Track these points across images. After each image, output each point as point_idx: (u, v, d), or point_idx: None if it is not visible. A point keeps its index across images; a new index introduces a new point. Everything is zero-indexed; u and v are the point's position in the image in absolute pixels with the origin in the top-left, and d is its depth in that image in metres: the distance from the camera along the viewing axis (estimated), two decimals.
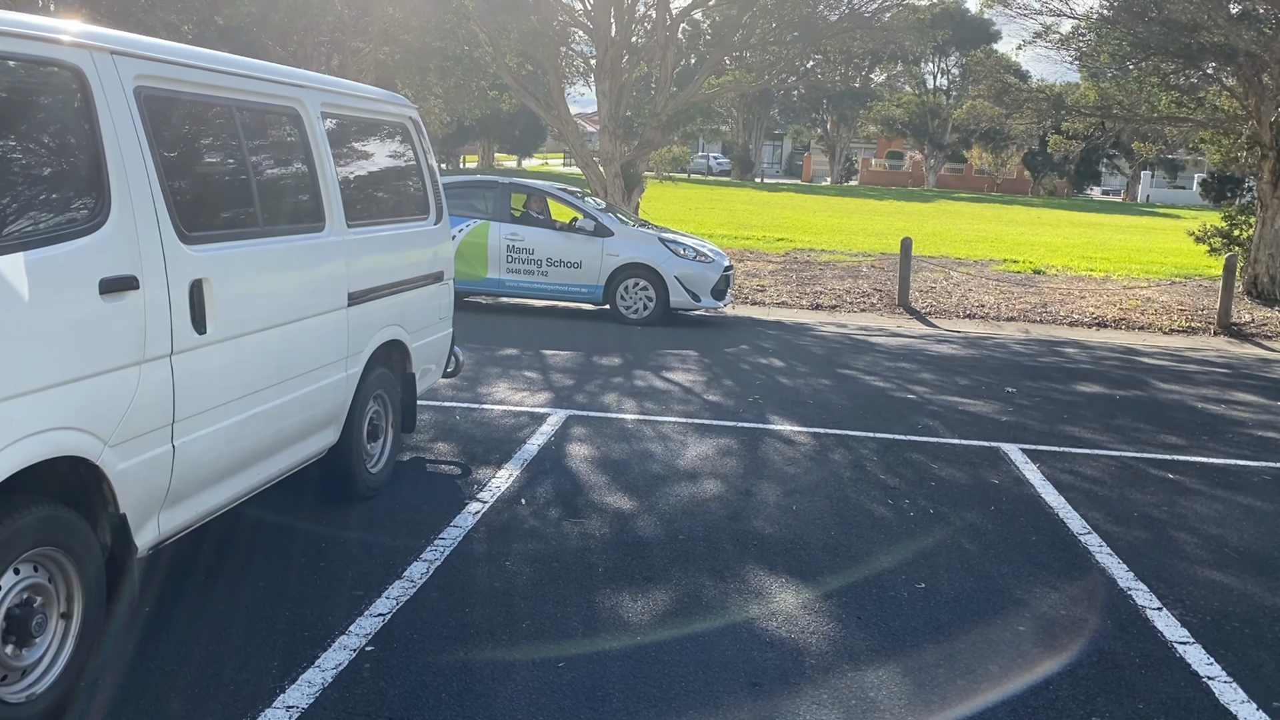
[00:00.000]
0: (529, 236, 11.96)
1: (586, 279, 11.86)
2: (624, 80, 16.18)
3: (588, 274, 11.84)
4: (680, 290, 11.71)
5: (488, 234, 12.01)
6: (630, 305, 11.80)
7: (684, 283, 11.70)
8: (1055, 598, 4.59)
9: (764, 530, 5.24)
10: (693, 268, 11.79)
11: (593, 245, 11.81)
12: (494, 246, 12.01)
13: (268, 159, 4.47)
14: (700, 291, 11.75)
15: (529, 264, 11.95)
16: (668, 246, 11.83)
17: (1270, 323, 13.53)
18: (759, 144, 67.84)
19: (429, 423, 6.97)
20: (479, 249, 12.02)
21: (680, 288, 11.71)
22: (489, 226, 12.03)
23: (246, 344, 4.11)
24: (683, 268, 11.76)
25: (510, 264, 12.00)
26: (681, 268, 11.76)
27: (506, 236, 12.00)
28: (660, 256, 11.80)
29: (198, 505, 3.97)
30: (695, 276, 11.77)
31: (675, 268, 11.75)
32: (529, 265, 11.95)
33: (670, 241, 11.93)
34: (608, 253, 11.79)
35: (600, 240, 11.82)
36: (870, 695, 3.65)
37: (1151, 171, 64.88)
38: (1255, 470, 6.85)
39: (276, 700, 3.43)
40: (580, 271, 11.85)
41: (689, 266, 11.78)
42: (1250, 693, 3.80)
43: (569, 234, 11.92)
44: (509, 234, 11.99)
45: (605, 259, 11.78)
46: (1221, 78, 15.45)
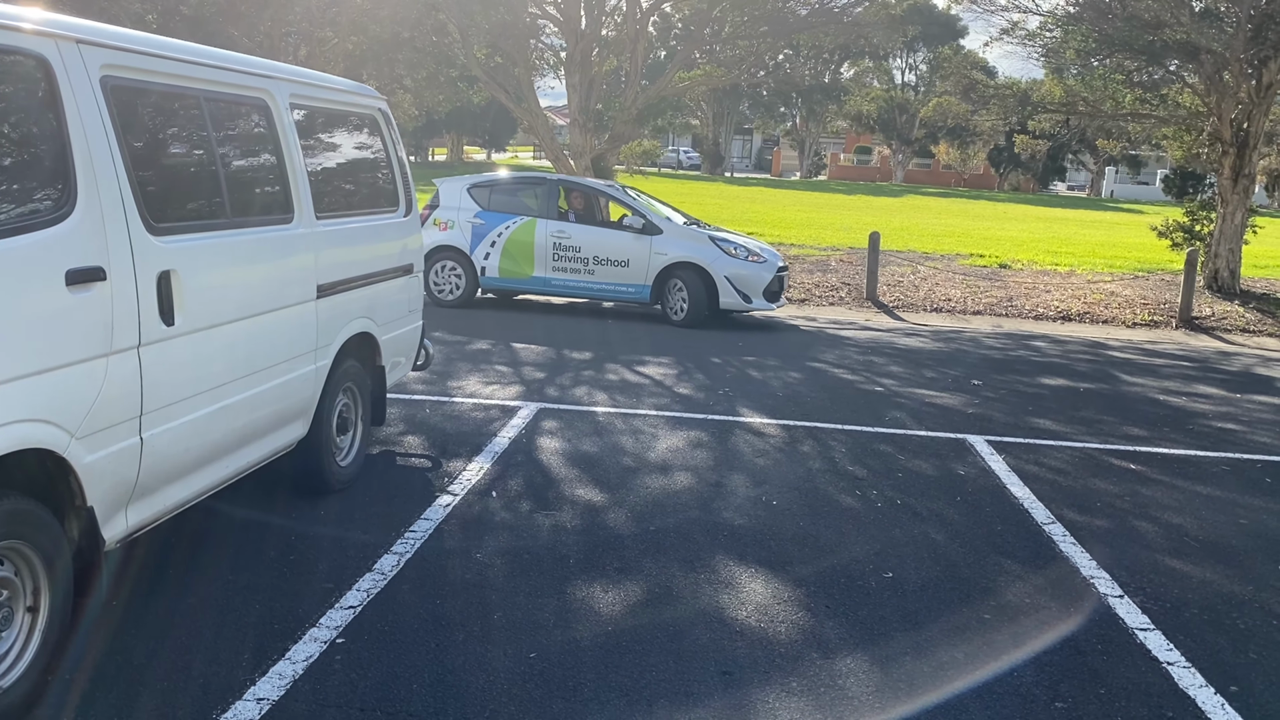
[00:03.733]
0: (576, 234, 11.59)
1: (634, 278, 11.44)
2: (594, 73, 16.15)
3: (635, 273, 11.41)
4: (731, 291, 11.24)
5: (534, 231, 11.67)
6: (675, 306, 11.39)
7: (735, 283, 11.23)
8: (1020, 586, 4.66)
9: (734, 521, 5.28)
10: (745, 268, 11.31)
11: (641, 244, 11.37)
12: (540, 244, 11.65)
13: (236, 150, 4.44)
14: (752, 292, 11.30)
15: (575, 262, 11.57)
16: (718, 245, 11.33)
17: (1230, 316, 13.76)
18: (729, 138, 67.94)
19: (399, 416, 6.95)
20: (525, 247, 11.69)
21: (731, 288, 11.24)
22: (536, 224, 11.69)
23: (215, 336, 4.09)
24: (734, 267, 11.27)
25: (557, 262, 11.64)
26: (733, 267, 11.27)
27: (553, 234, 11.63)
28: (710, 255, 11.29)
29: (166, 498, 3.95)
30: (747, 277, 11.29)
31: (726, 267, 11.25)
32: (575, 264, 11.57)
33: (721, 240, 11.45)
34: (656, 251, 11.34)
35: (649, 239, 11.37)
36: (839, 683, 3.70)
37: (1115, 167, 65.61)
38: (1214, 461, 6.97)
39: (247, 693, 3.42)
40: (627, 270, 11.43)
41: (740, 266, 11.29)
42: (1208, 677, 3.88)
43: (617, 231, 11.53)
44: (556, 231, 11.63)
45: (653, 257, 11.33)
46: (1184, 75, 15.67)
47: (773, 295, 11.55)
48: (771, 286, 11.48)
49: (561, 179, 12.43)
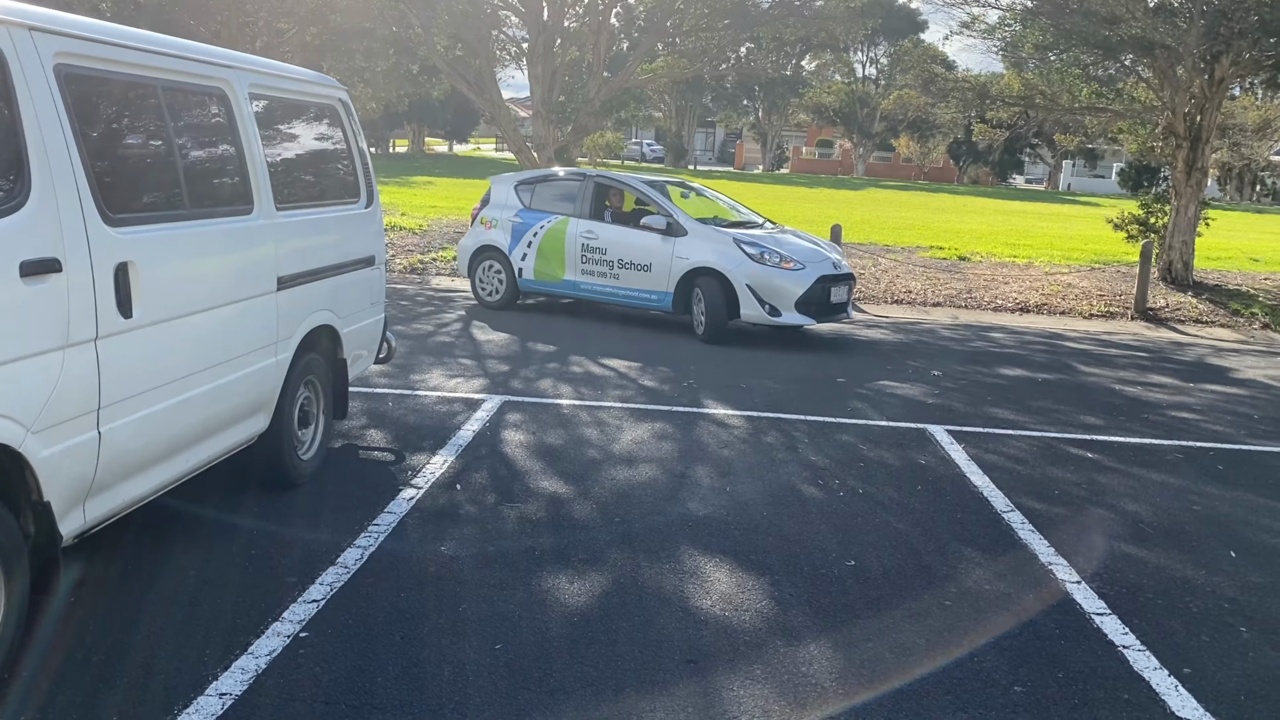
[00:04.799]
0: (603, 235, 10.63)
1: (655, 284, 10.30)
2: (557, 65, 16.10)
3: (657, 278, 10.27)
4: (753, 301, 9.81)
5: (566, 231, 10.85)
6: (696, 318, 10.18)
7: (759, 292, 9.78)
8: (980, 573, 4.72)
9: (699, 512, 5.31)
10: (771, 275, 9.80)
11: (664, 246, 10.20)
12: (570, 245, 10.82)
13: (194, 140, 4.39)
14: (780, 304, 9.78)
15: (601, 265, 10.63)
16: (741, 247, 9.91)
17: (1184, 307, 14.00)
18: (692, 131, 68.00)
19: (361, 409, 6.90)
20: (558, 248, 10.90)
21: (753, 298, 9.80)
22: (568, 223, 10.87)
23: (174, 329, 4.04)
24: (757, 274, 9.81)
25: (585, 264, 10.75)
26: (755, 274, 9.81)
27: (582, 234, 10.74)
28: (729, 259, 9.92)
29: (125, 493, 3.90)
30: (774, 285, 9.79)
31: (748, 274, 9.83)
32: (601, 267, 10.63)
33: (746, 241, 9.98)
34: (677, 255, 10.12)
35: (672, 240, 10.17)
36: (803, 670, 3.73)
37: (1072, 161, 66.51)
38: (1169, 449, 7.11)
39: (209, 688, 3.39)
40: (649, 275, 10.32)
41: (765, 273, 9.80)
42: (1162, 660, 3.96)
43: (640, 232, 10.37)
44: (584, 231, 10.74)
45: (675, 261, 10.13)
46: (1139, 70, 15.89)
47: (812, 307, 9.93)
48: (809, 297, 9.84)
49: (600, 175, 11.37)
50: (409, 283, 13.31)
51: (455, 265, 14.59)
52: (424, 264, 14.55)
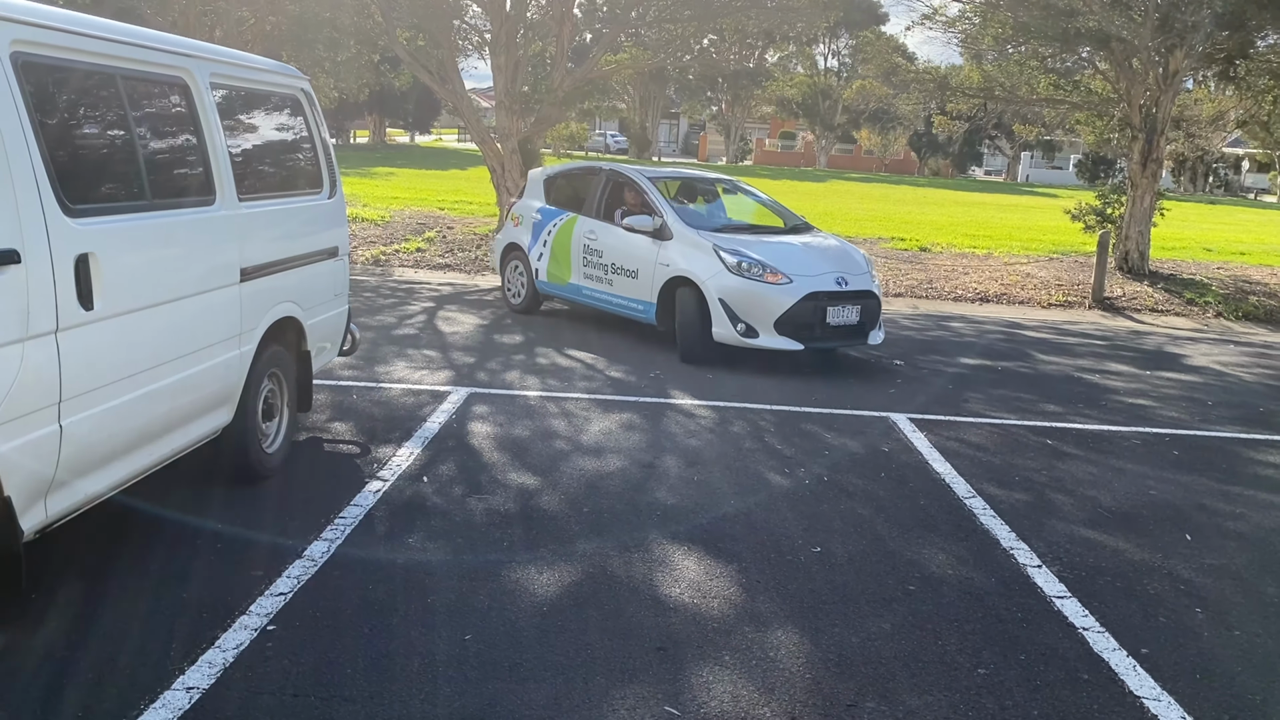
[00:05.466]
0: (602, 236, 9.64)
1: (641, 292, 9.21)
2: (520, 55, 16.02)
3: (642, 286, 9.19)
4: (723, 317, 8.44)
5: (573, 230, 9.96)
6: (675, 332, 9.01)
7: (731, 307, 8.40)
8: (943, 558, 4.79)
9: (667, 501, 5.34)
10: (746, 287, 8.38)
11: (650, 250, 9.10)
12: (575, 245, 9.92)
13: (155, 130, 4.33)
14: (757, 322, 8.37)
15: (599, 269, 9.66)
16: (719, 254, 8.56)
17: (1140, 296, 14.23)
18: (656, 122, 67.93)
19: (326, 402, 6.86)
20: (565, 248, 10.04)
21: (723, 314, 8.44)
22: (575, 222, 9.97)
23: (136, 321, 4.00)
24: (730, 286, 8.43)
25: (586, 268, 9.82)
26: (729, 286, 8.44)
27: (586, 234, 9.82)
28: (704, 268, 8.60)
29: (87, 487, 3.86)
30: (749, 300, 8.39)
31: (719, 285, 8.48)
32: (599, 270, 9.67)
33: (726, 248, 8.61)
34: (660, 261, 8.98)
35: (658, 245, 9.04)
36: (771, 654, 3.78)
37: (1031, 152, 67.28)
38: (1126, 435, 7.24)
39: (176, 682, 3.37)
40: (637, 283, 9.25)
41: (740, 285, 8.40)
42: (1120, 641, 4.05)
43: (631, 235, 9.31)
44: (588, 231, 9.80)
45: (658, 268, 9.00)
46: (1096, 62, 16.11)
47: (800, 330, 8.40)
48: (794, 317, 8.36)
49: (612, 169, 10.24)
50: (372, 274, 13.22)
51: (418, 257, 14.52)
52: (387, 256, 14.45)
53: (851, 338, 8.85)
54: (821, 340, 8.62)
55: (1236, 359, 10.55)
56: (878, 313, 9.02)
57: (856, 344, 8.98)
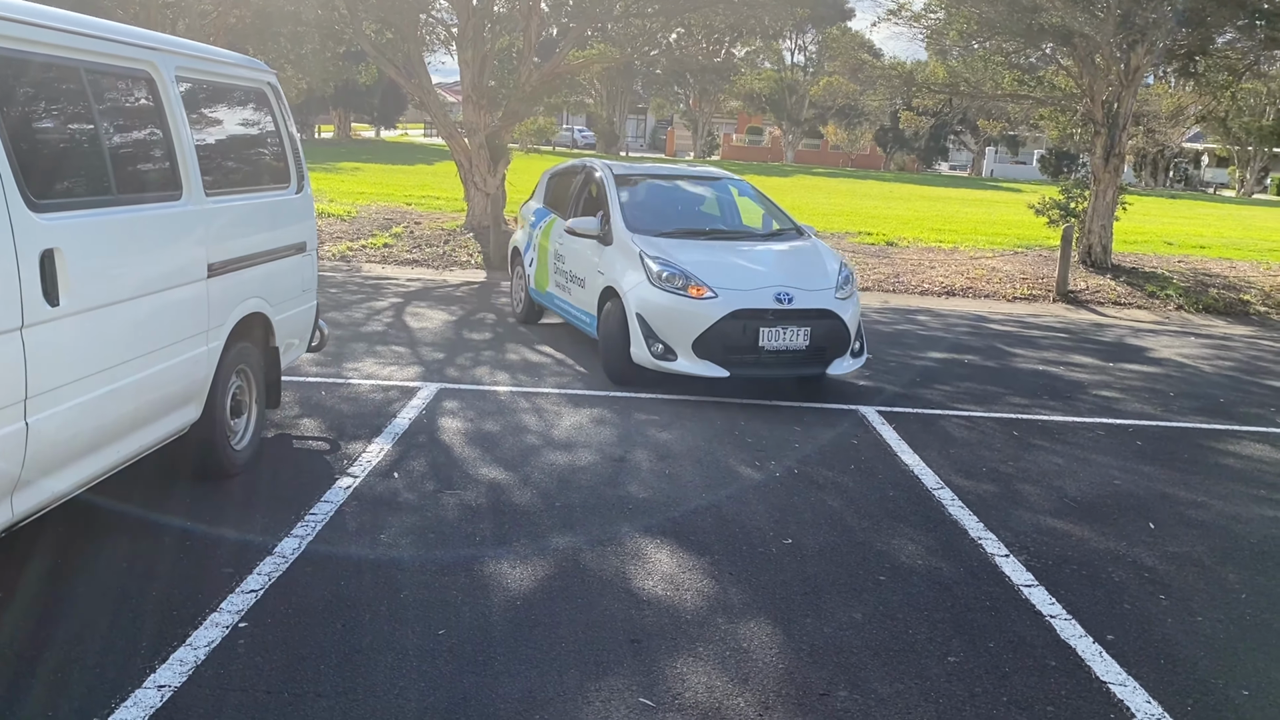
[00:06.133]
0: (567, 241, 8.73)
1: (587, 303, 8.27)
2: (487, 50, 15.95)
3: (589, 296, 8.22)
4: (640, 336, 7.35)
5: (550, 234, 9.20)
6: None
7: (649, 324, 7.30)
8: (912, 549, 4.84)
9: (638, 495, 5.35)
10: (666, 301, 7.27)
11: (593, 257, 8.18)
12: (550, 251, 9.16)
13: (120, 124, 4.28)
14: (675, 343, 7.24)
15: (563, 275, 8.86)
16: (645, 261, 7.51)
17: (1103, 290, 14.42)
18: (623, 117, 67.92)
19: (294, 399, 6.81)
20: (545, 253, 9.30)
21: (640, 332, 7.35)
22: (553, 224, 9.21)
23: (102, 317, 3.96)
24: (649, 299, 7.34)
25: (555, 275, 9.05)
26: (648, 299, 7.35)
27: (557, 239, 8.99)
28: (628, 278, 7.58)
29: (54, 485, 3.81)
30: (669, 316, 7.25)
31: (638, 298, 7.41)
32: (563, 278, 8.87)
33: (653, 254, 7.54)
34: (599, 269, 8.04)
35: (600, 250, 8.10)
36: (744, 646, 3.80)
37: (995, 147, 67.94)
38: (1091, 426, 7.34)
39: (147, 680, 3.34)
40: (585, 292, 8.32)
41: (659, 299, 7.30)
42: (1087, 628, 4.12)
43: (584, 240, 8.38)
44: (559, 235, 8.94)
45: (597, 277, 8.06)
46: (1059, 57, 16.28)
47: (729, 355, 7.23)
48: (715, 338, 7.18)
49: (589, 164, 9.35)
50: (339, 270, 13.12)
51: (386, 253, 14.44)
52: (354, 251, 14.35)
53: (800, 366, 7.45)
54: (755, 367, 7.30)
55: (1197, 351, 10.73)
56: (844, 337, 7.50)
57: (809, 374, 7.59)
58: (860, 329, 7.77)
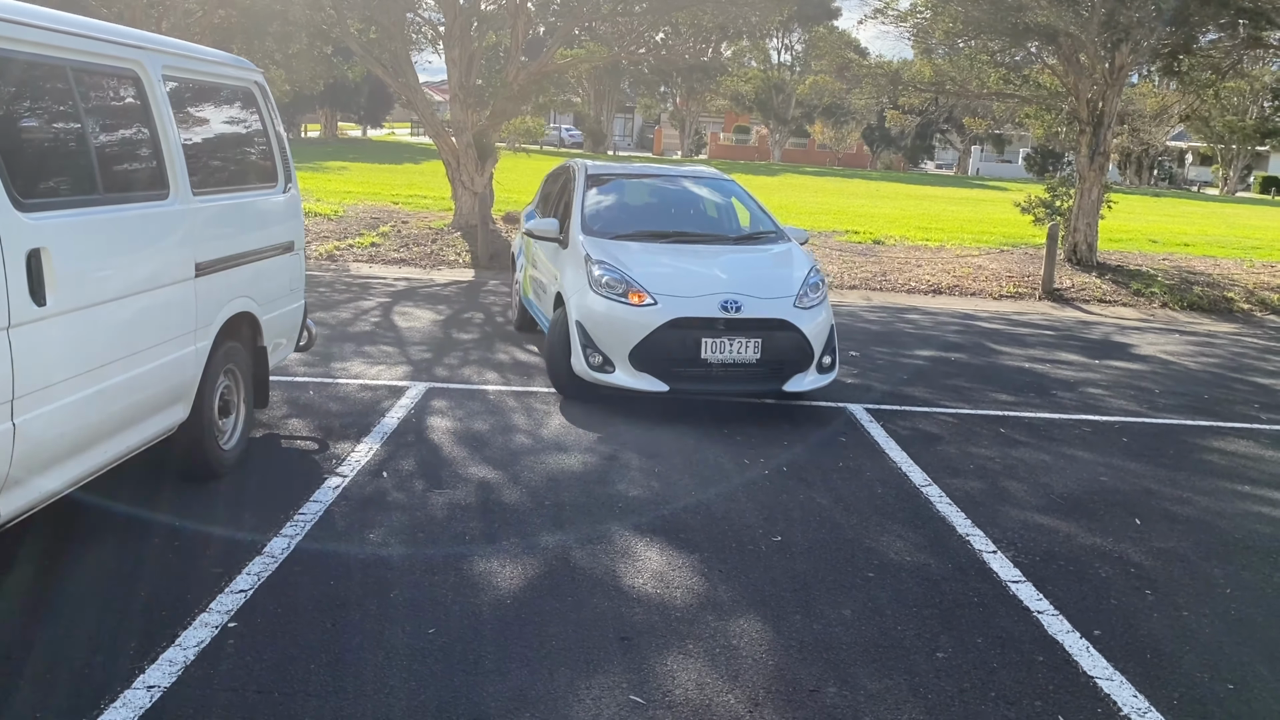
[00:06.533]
0: (539, 245, 8.41)
1: (548, 311, 7.80)
2: (474, 48, 15.93)
3: (549, 303, 7.78)
4: (578, 346, 6.87)
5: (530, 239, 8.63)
6: None
7: (589, 332, 6.81)
8: (900, 545, 4.87)
9: (628, 493, 5.36)
10: (604, 308, 6.78)
11: (553, 261, 7.80)
12: (530, 257, 8.83)
13: (107, 123, 4.27)
14: (613, 353, 6.74)
15: (534, 282, 8.60)
16: (589, 266, 7.03)
17: (1089, 287, 14.50)
18: (610, 117, 67.89)
19: (283, 398, 6.79)
20: (528, 259, 8.99)
21: (578, 341, 6.87)
22: None
23: (90, 317, 3.94)
24: (589, 306, 6.86)
25: (532, 282, 8.76)
26: (587, 306, 6.87)
27: (534, 243, 8.62)
28: (572, 283, 7.12)
29: (41, 486, 3.80)
30: (607, 325, 6.76)
31: (578, 305, 6.93)
32: (536, 285, 8.52)
33: (597, 258, 7.06)
34: (555, 274, 7.64)
35: (558, 255, 7.69)
36: (733, 643, 3.82)
37: (981, 146, 68.18)
38: (1077, 423, 7.38)
39: (136, 681, 3.34)
40: (547, 298, 7.91)
41: (599, 306, 6.82)
42: (1074, 623, 4.14)
43: (547, 244, 8.04)
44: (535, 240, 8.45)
45: (553, 282, 7.68)
46: (1044, 56, 16.36)
47: (670, 368, 6.71)
48: (653, 350, 6.67)
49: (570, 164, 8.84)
50: (326, 270, 13.09)
51: (373, 252, 14.41)
52: (341, 251, 14.32)
53: (750, 381, 6.84)
54: (698, 382, 6.74)
55: (1182, 348, 10.80)
56: (804, 351, 6.85)
57: (761, 391, 7.02)
58: (832, 342, 7.11)
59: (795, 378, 6.91)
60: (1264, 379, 9.38)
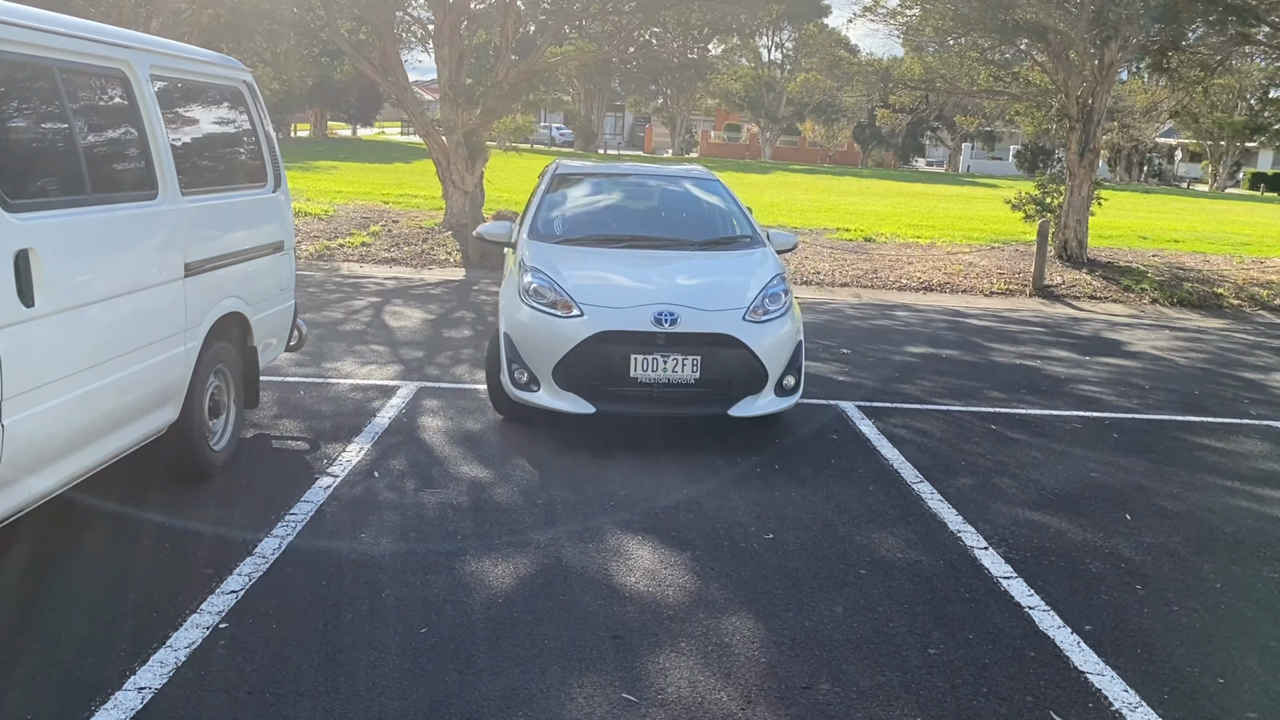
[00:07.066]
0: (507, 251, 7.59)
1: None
2: (463, 47, 15.91)
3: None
4: (504, 361, 6.22)
5: None
6: None
7: (516, 345, 6.14)
8: (892, 542, 4.88)
9: (619, 491, 5.36)
10: (531, 320, 6.12)
11: (505, 269, 7.32)
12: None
13: (95, 123, 4.25)
14: (538, 368, 6.06)
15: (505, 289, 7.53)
16: (522, 273, 6.39)
17: (1079, 284, 14.54)
18: (601, 115, 67.85)
19: (273, 399, 6.78)
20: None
21: (505, 356, 6.21)
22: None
23: (79, 317, 3.93)
24: (518, 318, 6.19)
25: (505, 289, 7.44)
26: (516, 318, 6.20)
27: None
28: (507, 292, 6.53)
29: (30, 487, 3.78)
30: (531, 338, 6.10)
31: (508, 317, 6.29)
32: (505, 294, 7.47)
33: (531, 265, 6.43)
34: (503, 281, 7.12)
35: (508, 260, 7.25)
36: (726, 640, 3.82)
37: (971, 143, 68.31)
38: (1067, 419, 7.40)
39: (127, 683, 3.33)
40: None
41: (526, 317, 6.14)
42: (1065, 619, 4.16)
43: (507, 249, 7.44)
44: None
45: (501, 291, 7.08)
46: (1034, 53, 16.40)
47: (599, 388, 6.00)
48: (578, 366, 5.97)
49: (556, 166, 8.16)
50: (317, 269, 13.06)
51: (364, 251, 14.38)
52: (331, 250, 14.28)
53: (688, 404, 6.06)
54: (629, 403, 6.01)
55: (1172, 344, 10.83)
56: (754, 370, 6.05)
57: (702, 414, 6.21)
58: (796, 361, 6.28)
59: (745, 401, 6.09)
60: (1253, 374, 9.42)
